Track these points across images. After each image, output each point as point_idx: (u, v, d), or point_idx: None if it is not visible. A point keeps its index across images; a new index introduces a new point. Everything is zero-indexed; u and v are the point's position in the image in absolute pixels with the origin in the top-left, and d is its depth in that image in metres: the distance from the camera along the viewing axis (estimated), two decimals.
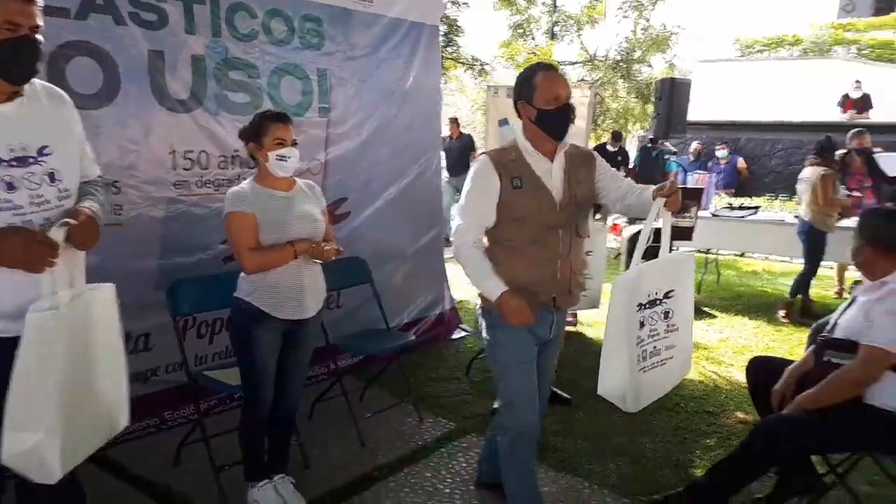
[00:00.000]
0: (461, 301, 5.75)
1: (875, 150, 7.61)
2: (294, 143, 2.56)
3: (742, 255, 8.81)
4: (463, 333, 5.15)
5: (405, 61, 4.53)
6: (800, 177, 6.00)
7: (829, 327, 2.63)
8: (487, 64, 8.80)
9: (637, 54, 9.10)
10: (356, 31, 4.19)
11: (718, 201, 9.21)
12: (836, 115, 12.42)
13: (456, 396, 3.95)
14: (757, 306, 6.27)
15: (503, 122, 4.98)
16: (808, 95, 13.54)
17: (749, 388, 2.93)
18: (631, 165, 9.77)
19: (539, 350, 2.41)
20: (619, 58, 8.79)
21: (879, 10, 19.53)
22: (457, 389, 4.06)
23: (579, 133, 5.11)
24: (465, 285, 5.10)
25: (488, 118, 5.06)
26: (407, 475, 3.04)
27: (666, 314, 2.28)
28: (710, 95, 14.42)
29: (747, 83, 14.79)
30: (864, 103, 12.23)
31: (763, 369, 2.85)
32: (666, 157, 8.99)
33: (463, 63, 9.07)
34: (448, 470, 3.09)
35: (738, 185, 11.78)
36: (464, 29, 8.59)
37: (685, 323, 2.38)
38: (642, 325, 2.22)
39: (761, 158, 12.86)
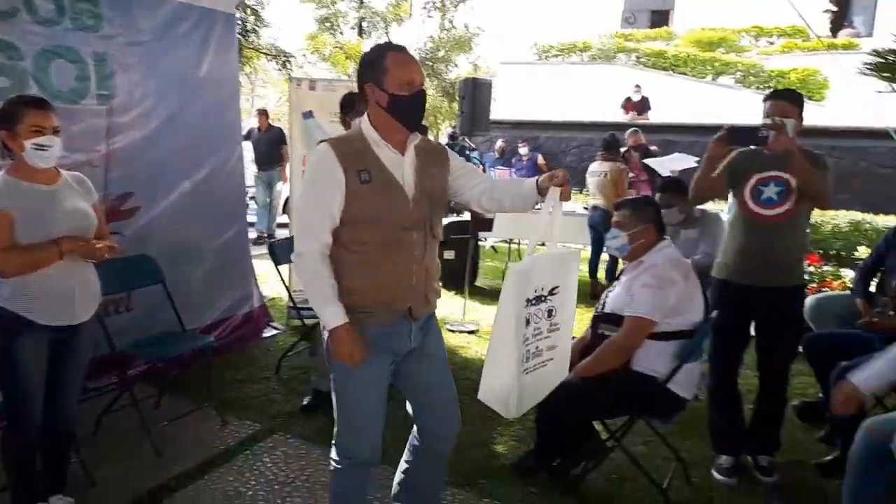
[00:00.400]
0: (272, 298, 5.59)
1: (651, 147, 8.57)
2: (56, 131, 2.28)
3: (543, 244, 9.43)
4: (274, 332, 5.00)
5: (198, 49, 4.29)
6: (590, 170, 6.59)
7: (599, 305, 2.92)
8: (293, 56, 8.58)
9: (441, 54, 9.38)
10: (140, 15, 3.89)
11: None
12: (620, 116, 13.76)
13: (263, 396, 3.83)
14: None
15: (308, 114, 4.89)
16: (596, 98, 14.84)
17: None
18: None
19: (409, 363, 2.17)
20: (424, 56, 9.00)
21: (655, 24, 22.06)
22: (264, 389, 3.93)
23: None
24: (276, 282, 5.02)
25: (292, 110, 4.93)
26: (208, 481, 2.90)
27: (550, 312, 2.12)
28: (512, 96, 15.33)
29: (545, 85, 15.89)
30: (643, 105, 13.68)
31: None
32: (467, 152, 9.42)
33: (266, 54, 8.78)
34: (252, 472, 2.99)
35: None
36: (267, 20, 8.31)
37: (567, 322, 2.21)
38: (528, 322, 2.04)
39: (558, 155, 13.91)
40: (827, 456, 3.15)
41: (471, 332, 5.33)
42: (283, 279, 4.13)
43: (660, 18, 22.77)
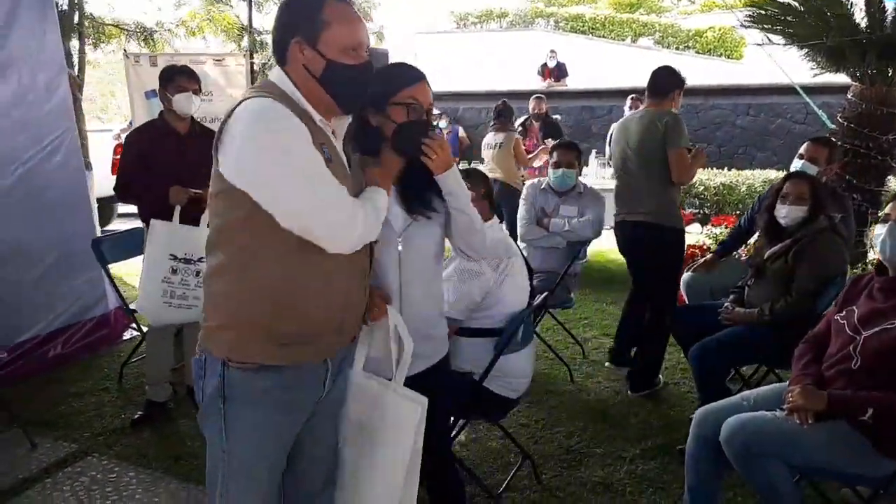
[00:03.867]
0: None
1: (554, 116, 8.33)
2: None
3: None
4: (136, 334, 4.57)
5: (2, 25, 3.79)
6: (484, 142, 6.29)
7: None
8: (156, 31, 7.95)
9: None
10: None
11: None
12: (538, 84, 13.52)
13: (94, 411, 3.43)
14: None
15: (151, 93, 4.44)
16: (516, 66, 14.58)
17: None
18: None
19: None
20: None
21: None
22: (98, 402, 3.53)
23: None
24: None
25: (131, 91, 4.47)
26: None
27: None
28: (430, 67, 14.90)
29: (463, 54, 15.54)
30: (560, 71, 13.47)
31: None
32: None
33: (124, 30, 8.13)
34: (47, 501, 2.62)
35: (460, 153, 12.35)
36: None
37: None
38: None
39: (479, 127, 13.60)
40: None
41: None
42: (110, 279, 3.70)
43: None
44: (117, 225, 8.20)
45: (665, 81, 3.50)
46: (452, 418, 2.42)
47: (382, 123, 1.71)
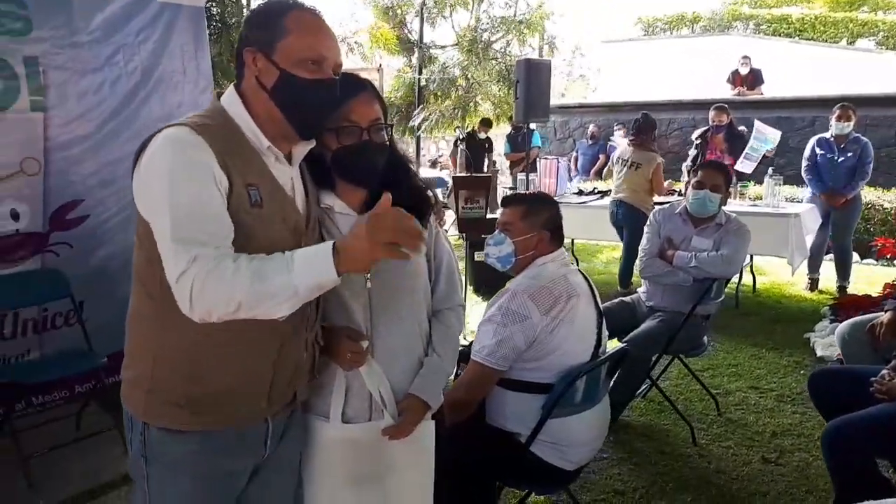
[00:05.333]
0: None
1: (739, 128, 7.52)
2: None
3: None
4: None
5: (156, 47, 4.10)
6: (617, 156, 5.79)
7: None
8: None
9: (497, 36, 8.75)
10: (81, 15, 3.73)
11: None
12: (727, 92, 12.34)
13: None
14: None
15: None
16: (705, 73, 13.47)
17: None
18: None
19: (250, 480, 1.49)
20: (480, 37, 8.40)
21: None
22: None
23: None
24: None
25: None
26: None
27: None
28: (613, 77, 14.28)
29: (649, 63, 14.67)
30: (754, 78, 12.15)
31: None
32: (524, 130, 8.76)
33: None
34: None
35: None
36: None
37: None
38: None
39: (659, 139, 12.73)
40: None
41: None
42: None
43: None
44: None
45: None
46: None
47: (322, 152, 1.49)
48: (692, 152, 7.11)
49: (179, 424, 1.32)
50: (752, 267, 6.29)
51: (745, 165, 6.80)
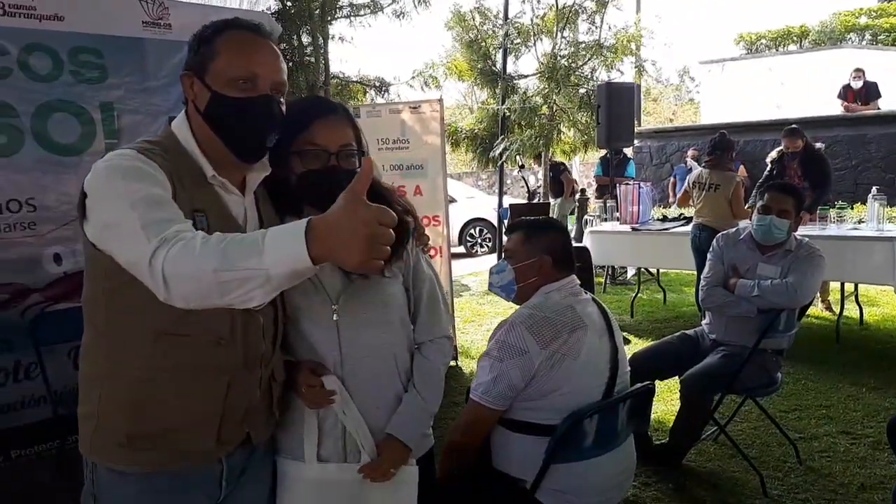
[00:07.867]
0: None
1: (816, 143, 6.95)
2: None
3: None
4: None
5: None
6: (692, 179, 5.46)
7: None
8: (392, 84, 8.48)
9: (581, 62, 8.56)
10: (154, 62, 3.99)
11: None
12: (836, 109, 11.49)
13: None
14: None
15: None
16: (813, 89, 12.62)
17: None
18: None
19: None
20: (563, 64, 8.23)
21: None
22: None
23: (435, 153, 4.71)
24: None
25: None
26: None
27: None
28: (711, 98, 13.68)
29: (751, 82, 13.93)
30: (868, 92, 11.23)
31: None
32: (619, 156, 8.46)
33: (365, 85, 8.77)
34: None
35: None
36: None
37: None
38: None
39: (761, 161, 12.00)
40: None
41: None
42: None
43: None
44: None
45: None
46: None
47: (288, 176, 1.44)
48: (766, 173, 6.53)
49: (122, 464, 1.30)
50: (856, 296, 5.70)
51: None
